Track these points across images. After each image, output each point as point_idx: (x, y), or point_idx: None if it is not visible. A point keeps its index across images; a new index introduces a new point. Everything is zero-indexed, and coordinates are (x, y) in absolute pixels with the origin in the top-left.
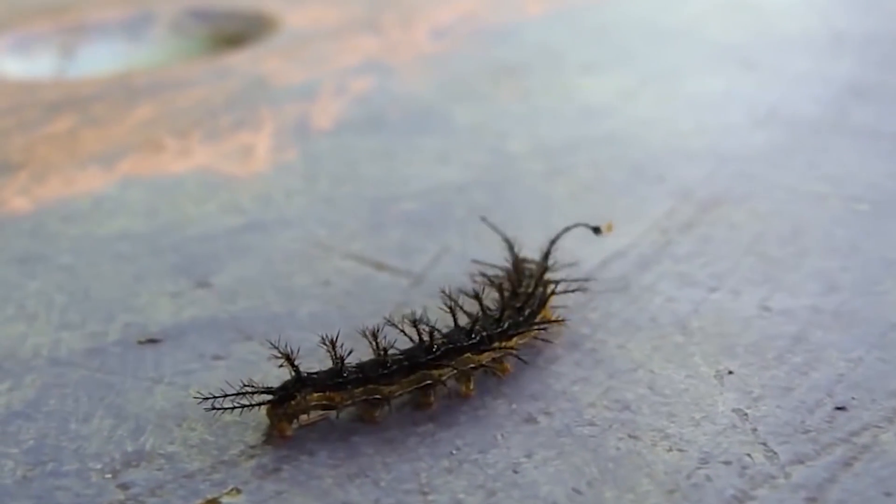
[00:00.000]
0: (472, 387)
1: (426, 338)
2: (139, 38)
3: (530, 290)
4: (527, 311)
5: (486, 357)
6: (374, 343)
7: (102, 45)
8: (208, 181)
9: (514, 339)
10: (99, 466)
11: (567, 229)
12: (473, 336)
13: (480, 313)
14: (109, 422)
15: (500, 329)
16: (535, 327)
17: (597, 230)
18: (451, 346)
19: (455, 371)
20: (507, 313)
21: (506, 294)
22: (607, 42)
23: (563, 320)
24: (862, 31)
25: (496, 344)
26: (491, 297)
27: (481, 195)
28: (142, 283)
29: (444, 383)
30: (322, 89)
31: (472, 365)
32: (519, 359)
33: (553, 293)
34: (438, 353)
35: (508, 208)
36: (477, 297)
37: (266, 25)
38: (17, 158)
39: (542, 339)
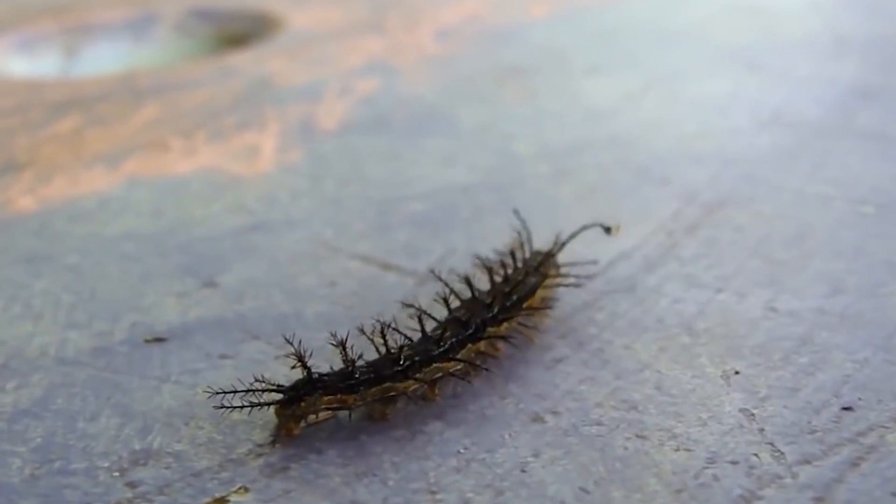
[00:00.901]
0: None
1: (433, 331)
2: (143, 38)
3: (520, 277)
4: (514, 297)
5: (482, 345)
6: (384, 341)
7: (106, 45)
8: (214, 181)
9: (504, 324)
10: (107, 465)
11: (585, 227)
12: (470, 326)
13: (473, 301)
14: (117, 420)
15: (491, 314)
16: (523, 312)
17: (608, 230)
18: (455, 338)
19: (461, 363)
20: (498, 298)
21: (497, 280)
22: (612, 44)
23: (548, 307)
24: (866, 33)
25: (490, 330)
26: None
27: (487, 196)
28: (148, 282)
29: (456, 375)
30: (327, 90)
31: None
32: (508, 341)
33: (543, 283)
34: (447, 346)
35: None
36: (468, 282)
37: (270, 25)
38: (22, 158)
39: (529, 326)
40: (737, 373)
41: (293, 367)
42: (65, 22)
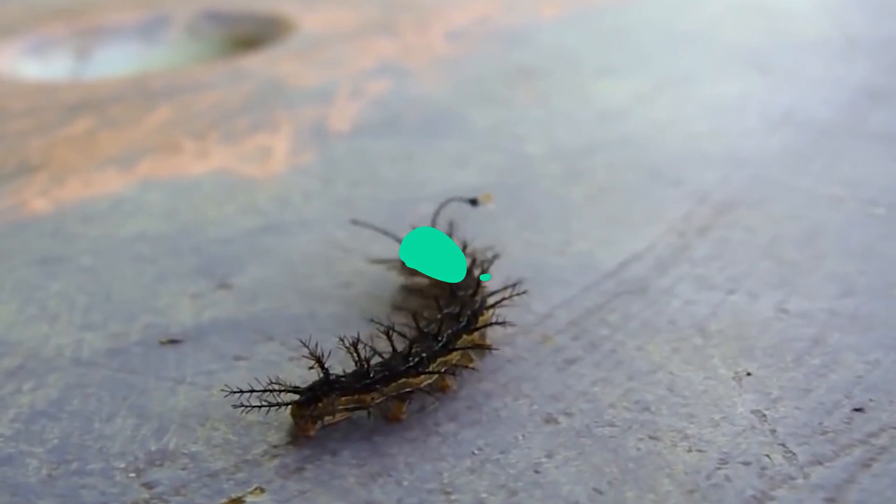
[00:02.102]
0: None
1: (432, 328)
2: (155, 40)
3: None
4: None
5: (477, 336)
6: (390, 342)
7: (118, 48)
8: (227, 183)
9: (488, 311)
10: (123, 465)
11: (448, 201)
12: (461, 317)
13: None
14: (132, 421)
15: (478, 306)
16: (494, 300)
17: (474, 202)
18: (452, 331)
19: (460, 352)
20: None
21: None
22: (623, 45)
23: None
24: (876, 34)
25: (481, 318)
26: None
27: (499, 198)
28: (162, 284)
29: (463, 365)
30: (338, 92)
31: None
32: (500, 324)
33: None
34: (445, 339)
35: (526, 211)
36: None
37: (281, 28)
38: (36, 160)
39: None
40: (749, 374)
41: (310, 368)
42: (77, 25)
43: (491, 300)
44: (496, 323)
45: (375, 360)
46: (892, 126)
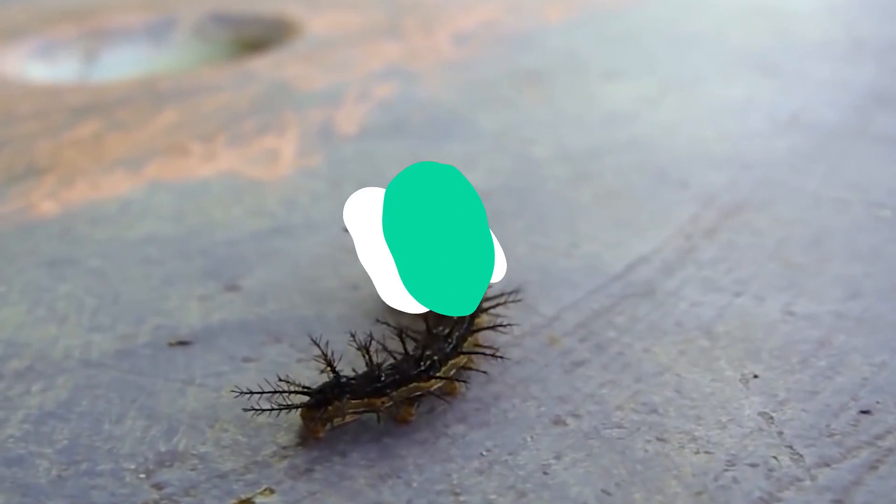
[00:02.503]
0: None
1: (441, 330)
2: (162, 42)
3: None
4: None
5: (477, 337)
6: (402, 343)
7: (125, 50)
8: (234, 185)
9: (482, 315)
10: (133, 466)
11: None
12: (467, 321)
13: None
14: (142, 422)
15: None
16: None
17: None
18: (460, 333)
19: (467, 354)
20: None
21: None
22: (629, 48)
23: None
24: (882, 37)
25: (478, 321)
26: None
27: (507, 200)
28: (171, 286)
29: (467, 368)
30: (346, 94)
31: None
32: (503, 326)
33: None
34: (455, 342)
35: (534, 213)
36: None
37: (288, 30)
38: (44, 162)
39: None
40: (755, 376)
41: (322, 372)
42: (84, 27)
43: (490, 303)
44: (499, 325)
45: (386, 361)
46: None
